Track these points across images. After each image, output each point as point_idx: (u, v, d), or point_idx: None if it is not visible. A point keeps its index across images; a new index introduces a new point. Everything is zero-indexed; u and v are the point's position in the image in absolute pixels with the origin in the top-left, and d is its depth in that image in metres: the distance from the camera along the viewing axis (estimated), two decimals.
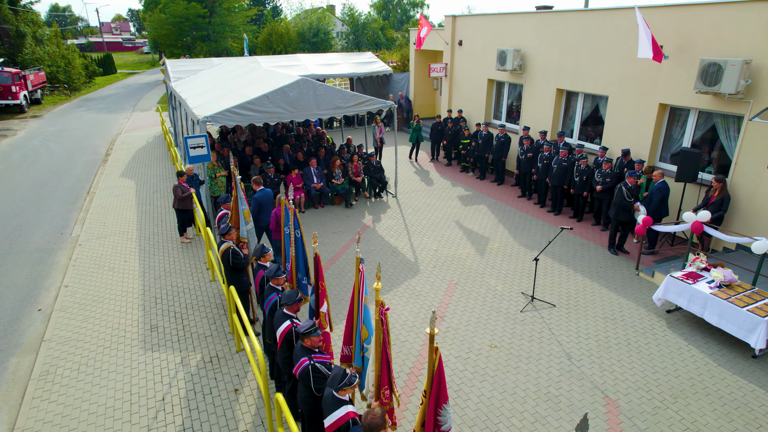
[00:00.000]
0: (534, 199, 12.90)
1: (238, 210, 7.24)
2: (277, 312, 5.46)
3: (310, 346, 4.66)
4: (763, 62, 8.40)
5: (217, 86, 13.72)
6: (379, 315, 4.03)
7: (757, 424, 5.67)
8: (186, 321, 7.80)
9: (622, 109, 10.97)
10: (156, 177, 15.20)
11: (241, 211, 7.21)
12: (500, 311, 7.94)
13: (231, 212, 7.43)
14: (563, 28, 12.16)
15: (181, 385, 6.41)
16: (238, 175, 7.44)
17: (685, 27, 9.45)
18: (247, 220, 7.27)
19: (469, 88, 16.29)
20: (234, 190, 7.27)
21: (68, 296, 8.58)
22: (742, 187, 8.93)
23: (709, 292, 7.03)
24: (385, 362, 4.16)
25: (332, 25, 44.38)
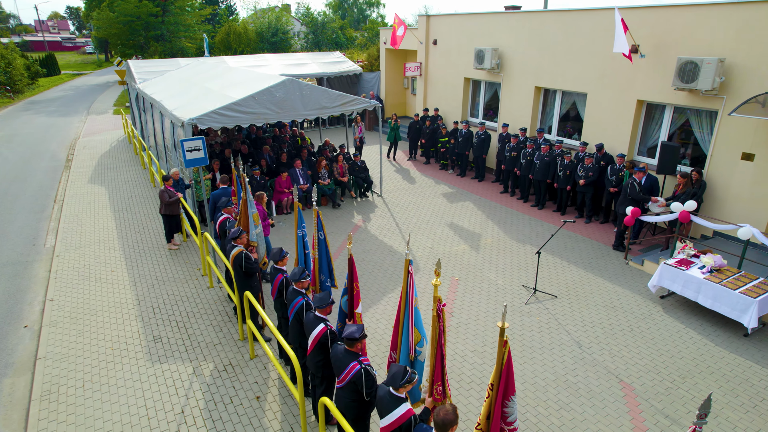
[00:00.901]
0: (517, 194, 13.25)
1: (248, 213, 7.07)
2: (307, 315, 5.39)
3: (357, 350, 4.63)
4: (734, 61, 8.98)
5: (193, 87, 13.29)
6: (437, 311, 4.06)
7: (760, 398, 6.09)
8: (190, 330, 7.55)
9: (601, 106, 11.44)
10: (128, 182, 14.56)
11: (250, 215, 7.04)
12: (511, 304, 8.12)
13: (240, 215, 7.24)
14: (541, 27, 12.54)
15: (199, 396, 6.21)
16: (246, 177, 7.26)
17: (661, 27, 9.96)
18: (256, 223, 7.11)
19: (444, 87, 16.52)
20: (243, 192, 7.09)
21: (56, 310, 8.12)
22: (718, 177, 9.52)
23: (703, 277, 7.47)
24: (439, 358, 4.20)
25: (290, 24, 43.81)
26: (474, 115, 16.10)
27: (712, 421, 5.74)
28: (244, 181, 7.02)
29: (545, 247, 10.16)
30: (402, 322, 4.58)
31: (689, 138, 10.45)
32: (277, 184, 11.73)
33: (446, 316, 7.58)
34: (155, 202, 12.87)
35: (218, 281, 8.90)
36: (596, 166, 10.98)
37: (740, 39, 8.86)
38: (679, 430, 5.61)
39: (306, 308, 5.66)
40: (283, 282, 6.21)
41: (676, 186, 9.52)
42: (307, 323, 5.34)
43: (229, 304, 8.22)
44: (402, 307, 4.54)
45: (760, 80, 8.72)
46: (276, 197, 11.80)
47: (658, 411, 5.88)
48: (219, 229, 7.79)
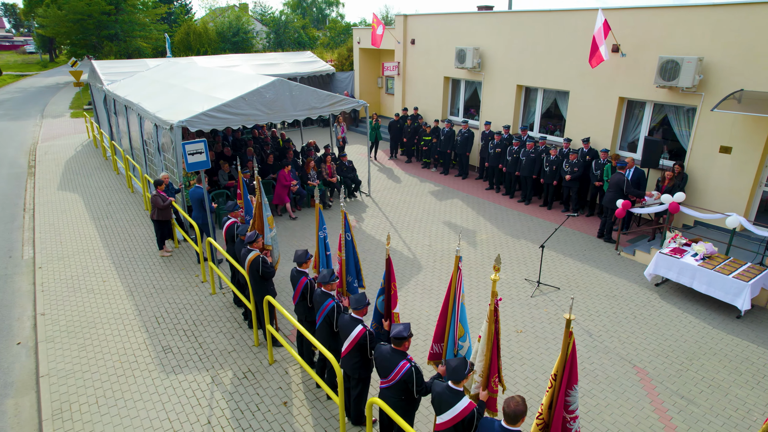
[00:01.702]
0: (502, 191, 13.55)
1: (262, 217, 6.93)
2: (342, 317, 5.36)
3: (405, 349, 4.66)
4: (712, 59, 9.53)
5: (171, 89, 12.87)
6: (494, 305, 4.15)
7: (762, 375, 6.52)
8: (200, 338, 7.33)
9: (584, 103, 11.87)
10: (103, 188, 13.94)
11: (265, 218, 6.90)
12: (513, 298, 8.33)
13: (254, 219, 7.08)
14: (522, 27, 12.87)
15: (223, 405, 6.06)
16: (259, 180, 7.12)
17: (641, 28, 10.44)
18: (271, 226, 6.98)
19: (424, 86, 16.67)
20: (258, 195, 6.94)
21: (50, 325, 7.70)
22: (698, 169, 10.07)
23: (697, 265, 7.90)
24: (495, 351, 4.29)
25: (251, 24, 42.98)
26: (453, 114, 16.33)
27: (723, 399, 6.10)
28: (259, 184, 6.88)
29: (539, 241, 10.45)
30: (450, 316, 4.63)
31: (667, 133, 11.00)
32: (282, 178, 11.48)
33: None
34: (136, 208, 12.40)
35: (220, 287, 8.69)
36: (581, 161, 11.39)
37: (716, 39, 9.41)
38: (695, 409, 5.93)
39: (337, 310, 5.63)
40: (308, 285, 6.15)
41: (661, 180, 10.02)
42: (343, 325, 5.31)
43: (236, 310, 8.04)
44: (450, 302, 4.60)
45: (736, 78, 9.29)
46: (280, 192, 11.57)
47: (673, 392, 6.19)
48: (226, 234, 7.59)
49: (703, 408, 5.97)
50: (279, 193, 11.59)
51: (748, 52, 9.08)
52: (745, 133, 9.32)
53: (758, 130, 9.17)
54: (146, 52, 39.20)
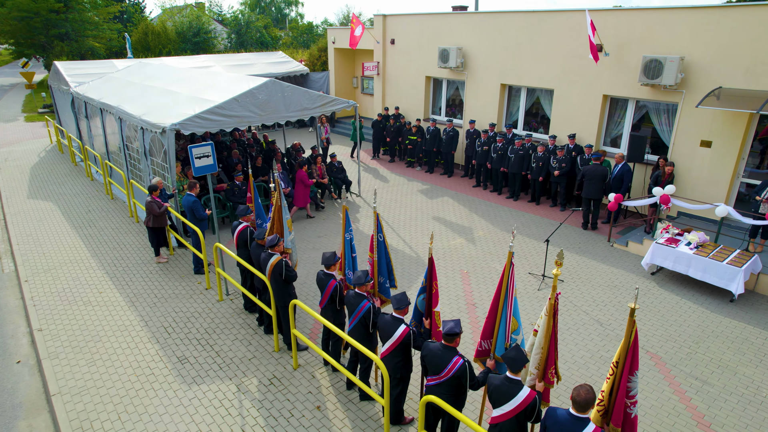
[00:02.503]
0: (489, 187, 13.83)
1: (282, 220, 6.81)
2: (382, 318, 5.36)
3: (456, 345, 4.72)
4: (692, 59, 10.08)
5: (151, 91, 12.42)
6: (554, 300, 4.27)
7: (763, 353, 6.97)
8: (216, 347, 7.14)
9: (568, 101, 12.28)
10: (78, 195, 13.30)
11: (284, 221, 6.79)
12: (521, 292, 8.53)
13: (273, 222, 6.95)
14: (505, 27, 13.18)
15: (255, 413, 5.94)
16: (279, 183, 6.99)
17: (623, 28, 10.91)
18: (290, 229, 6.88)
19: (404, 86, 16.78)
20: (277, 198, 6.82)
21: (50, 341, 7.30)
22: (680, 162, 10.62)
23: (692, 253, 8.35)
24: (553, 344, 4.41)
25: (211, 24, 41.93)
26: (435, 113, 16.52)
27: (733, 378, 6.49)
28: (279, 189, 6.76)
29: (533, 236, 10.75)
30: (500, 311, 4.73)
31: (648, 129, 11.55)
32: (302, 179, 11.36)
33: (473, 308, 7.85)
34: (120, 215, 11.91)
35: (227, 293, 8.48)
36: (569, 157, 11.78)
37: (695, 39, 9.95)
38: (711, 389, 6.28)
39: (373, 311, 5.63)
40: (337, 287, 6.11)
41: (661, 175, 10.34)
42: (384, 326, 5.32)
43: (248, 316, 7.87)
44: (501, 297, 4.69)
45: (714, 76, 9.87)
46: (301, 192, 11.48)
47: (687, 374, 6.53)
48: (238, 239, 7.41)
49: (717, 387, 6.33)
50: (302, 194, 11.48)
51: (724, 51, 9.65)
52: (724, 127, 9.91)
53: (736, 124, 9.76)
54: (100, 53, 37.57)
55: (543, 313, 4.45)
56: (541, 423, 4.13)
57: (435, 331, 5.37)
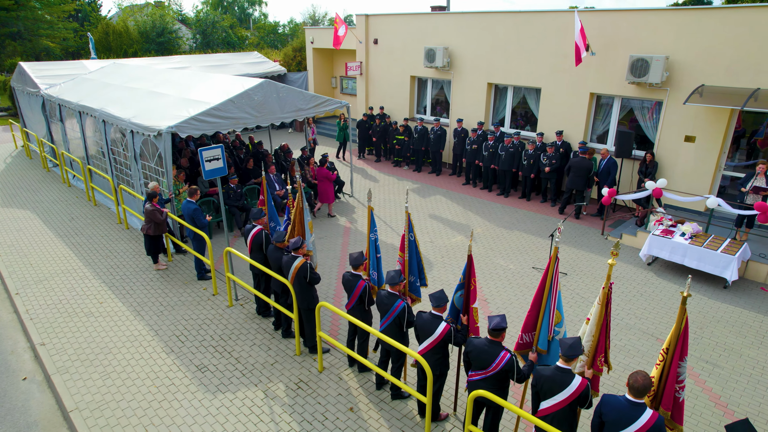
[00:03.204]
0: (479, 185, 14.05)
1: (303, 222, 6.73)
2: (421, 316, 5.40)
3: (501, 340, 4.81)
4: (675, 58, 10.55)
5: (136, 93, 11.99)
6: (608, 289, 4.43)
7: (762, 335, 7.39)
8: (235, 353, 7.00)
9: (556, 99, 12.63)
10: (58, 203, 12.71)
11: (306, 223, 6.71)
12: (528, 286, 8.74)
13: (293, 224, 6.85)
14: (491, 27, 13.42)
15: (287, 418, 5.86)
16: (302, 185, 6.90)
17: (609, 29, 11.30)
18: (311, 231, 6.80)
19: (388, 86, 16.82)
20: (299, 200, 6.73)
21: (56, 355, 6.98)
22: (666, 156, 11.11)
23: (687, 243, 8.76)
24: (604, 332, 4.56)
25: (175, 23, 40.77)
26: (419, 112, 16.65)
27: (739, 360, 6.85)
28: (301, 192, 6.67)
29: (529, 231, 11.01)
30: (544, 305, 4.85)
31: (632, 125, 12.02)
32: (327, 173, 11.54)
33: (485, 304, 7.98)
34: (107, 222, 11.46)
35: (236, 298, 8.31)
36: (558, 154, 12.12)
37: (679, 39, 10.43)
38: (721, 372, 6.62)
39: (408, 310, 5.66)
40: (366, 288, 6.10)
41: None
42: (423, 324, 5.36)
43: (261, 321, 7.75)
44: (546, 291, 4.81)
45: (697, 75, 10.36)
46: (323, 188, 11.64)
47: (698, 358, 6.86)
48: (253, 243, 7.27)
49: (727, 369, 6.67)
50: (325, 190, 11.59)
51: (706, 51, 10.15)
52: (706, 123, 10.42)
53: (718, 120, 10.29)
54: (55, 53, 36.00)
55: (596, 302, 4.60)
56: (596, 410, 4.26)
57: (473, 327, 5.45)
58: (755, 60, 9.66)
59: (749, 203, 9.08)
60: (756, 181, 9.04)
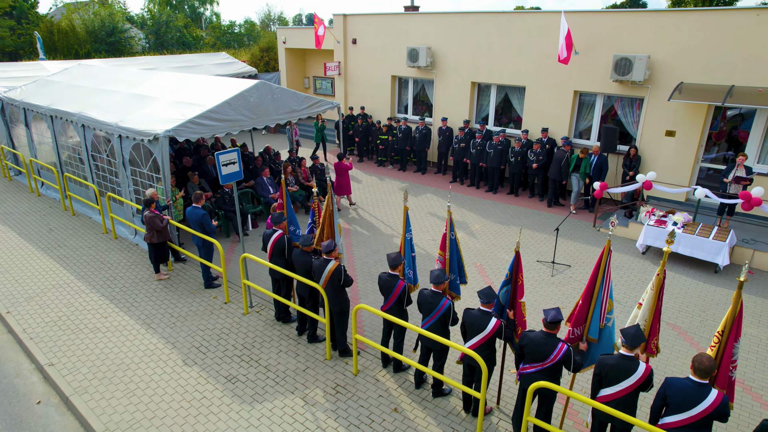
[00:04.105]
0: (466, 183, 14.29)
1: (332, 225, 6.64)
2: (471, 313, 5.47)
3: (557, 332, 4.95)
4: (656, 57, 11.13)
5: (117, 96, 11.42)
6: (662, 275, 4.65)
7: (759, 315, 7.95)
8: (262, 361, 6.83)
9: (540, 97, 13.03)
10: (29, 214, 11.92)
11: (335, 225, 6.62)
12: (537, 280, 8.99)
13: (323, 227, 6.74)
14: (474, 27, 13.67)
15: (333, 423, 5.78)
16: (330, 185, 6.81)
17: (592, 29, 11.78)
18: (340, 233, 6.72)
19: (368, 86, 16.80)
20: (329, 202, 6.62)
21: (70, 375, 6.57)
22: (648, 150, 11.71)
23: (681, 232, 9.28)
24: (657, 316, 4.79)
25: (125, 22, 38.98)
26: (400, 112, 16.73)
27: (745, 339, 7.33)
28: (331, 194, 6.57)
29: (524, 225, 11.32)
30: (595, 295, 5.03)
31: (612, 121, 12.59)
32: (339, 170, 11.81)
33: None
34: (91, 232, 10.86)
35: (251, 305, 8.09)
36: (544, 150, 12.51)
37: (658, 40, 11.01)
38: None
39: (452, 308, 5.73)
40: (405, 288, 6.11)
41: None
42: (473, 320, 5.43)
43: (282, 327, 7.59)
44: (598, 281, 5.00)
45: (675, 73, 10.98)
46: (343, 182, 11.93)
47: (708, 339, 7.29)
48: (274, 248, 7.10)
49: (744, 350, 7.13)
50: (346, 183, 11.95)
51: (684, 50, 10.78)
52: (685, 118, 11.07)
53: (696, 115, 10.95)
54: None
55: (649, 287, 4.82)
56: (659, 393, 4.47)
57: (520, 320, 5.57)
58: (728, 59, 10.35)
59: (732, 192, 9.71)
60: (737, 172, 9.68)
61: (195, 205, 8.36)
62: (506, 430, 5.72)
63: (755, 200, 8.96)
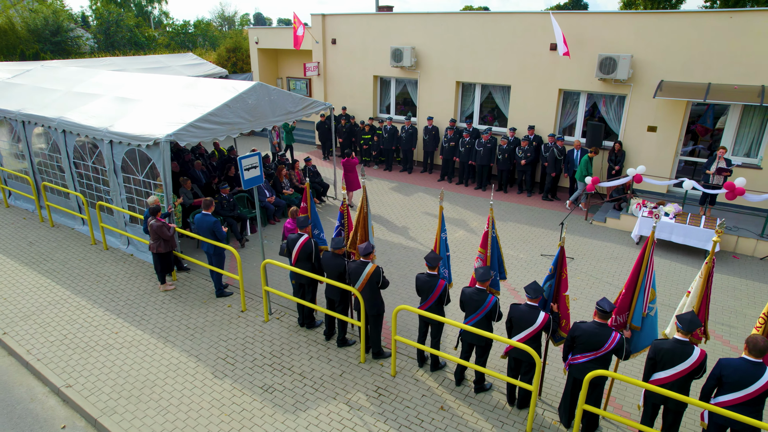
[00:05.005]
0: (455, 180, 14.49)
1: (366, 227, 6.58)
2: (518, 308, 5.58)
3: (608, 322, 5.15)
4: (637, 57, 11.69)
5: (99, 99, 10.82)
6: (711, 264, 4.91)
7: (752, 297, 8.52)
8: (296, 368, 6.69)
9: (526, 96, 13.39)
10: (3, 226, 11.11)
11: (370, 227, 6.57)
12: (543, 273, 9.25)
13: (356, 229, 6.65)
14: (458, 28, 13.87)
15: (383, 426, 5.74)
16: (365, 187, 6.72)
17: (575, 30, 12.21)
18: (373, 234, 6.66)
19: (349, 86, 16.71)
20: (364, 204, 6.55)
21: (92, 396, 6.21)
22: (631, 145, 12.28)
23: (673, 222, 9.81)
24: (705, 303, 5.05)
25: (71, 21, 36.91)
26: (382, 112, 16.75)
27: (745, 319, 7.86)
28: (365, 197, 6.50)
29: (519, 220, 11.62)
30: (639, 284, 5.27)
31: (594, 117, 13.12)
32: (348, 167, 11.86)
33: (514, 293, 8.36)
34: (77, 243, 10.26)
35: (270, 312, 7.90)
36: (531, 147, 12.88)
37: (639, 40, 11.57)
38: (736, 331, 7.55)
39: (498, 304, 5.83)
40: (446, 288, 6.16)
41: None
42: (521, 315, 5.54)
43: (308, 333, 7.46)
44: (641, 273, 5.23)
45: (656, 71, 11.57)
46: (352, 178, 11.99)
47: (714, 322, 7.76)
48: (301, 252, 6.95)
49: (740, 328, 7.63)
50: (353, 179, 11.99)
51: (664, 50, 11.38)
52: (666, 114, 11.69)
53: (675, 112, 11.59)
54: None
55: (698, 275, 5.08)
56: (713, 374, 4.73)
57: (564, 313, 5.74)
58: (705, 58, 11.01)
59: (715, 183, 10.35)
60: (719, 164, 10.32)
61: (205, 212, 8.07)
62: (551, 419, 5.87)
63: (739, 190, 9.60)
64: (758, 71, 10.57)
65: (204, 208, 8.09)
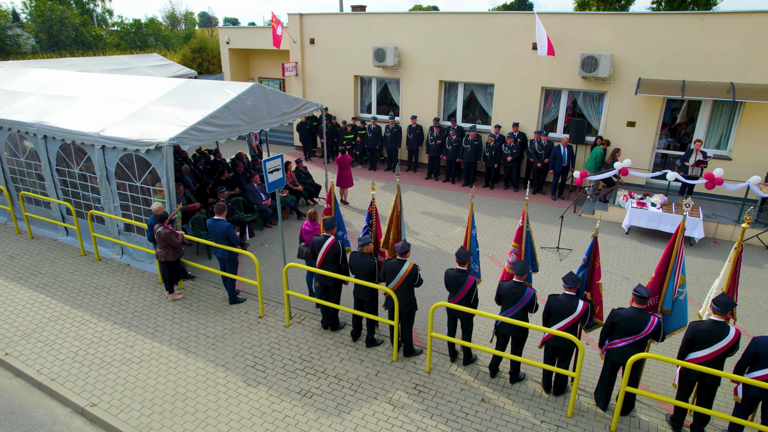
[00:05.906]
0: (441, 178, 14.70)
1: (400, 226, 6.59)
2: (557, 298, 5.78)
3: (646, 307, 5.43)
4: (616, 56, 12.27)
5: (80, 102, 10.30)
6: (740, 249, 5.26)
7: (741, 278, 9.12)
8: (329, 371, 6.63)
9: (509, 94, 13.76)
10: None
11: (403, 226, 6.58)
12: (549, 265, 9.58)
13: (389, 228, 6.65)
14: (440, 28, 14.07)
15: (430, 422, 5.80)
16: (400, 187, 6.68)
17: (556, 29, 12.67)
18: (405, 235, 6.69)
19: (328, 86, 16.59)
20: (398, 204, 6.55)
21: (121, 413, 5.93)
22: (612, 140, 12.87)
23: (661, 212, 10.38)
24: (733, 287, 5.41)
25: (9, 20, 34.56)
26: (363, 111, 16.74)
27: (744, 300, 8.40)
28: (399, 197, 6.51)
29: (513, 215, 11.95)
30: (670, 270, 5.60)
31: (574, 114, 13.67)
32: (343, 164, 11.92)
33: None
34: (65, 255, 9.71)
35: (290, 316, 7.77)
36: (517, 144, 13.27)
37: (617, 40, 12.15)
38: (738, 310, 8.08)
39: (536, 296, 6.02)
40: (475, 283, 6.29)
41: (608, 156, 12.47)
42: (560, 305, 5.75)
43: (333, 335, 7.40)
44: (673, 257, 5.55)
45: (634, 69, 12.20)
46: (344, 175, 12.06)
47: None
48: (328, 253, 6.88)
49: (741, 308, 8.18)
50: (347, 176, 12.11)
51: (641, 49, 12.00)
52: (644, 110, 12.34)
53: (652, 108, 12.25)
54: None
55: (728, 260, 5.44)
56: (747, 351, 5.09)
57: (597, 300, 6.00)
58: (679, 57, 11.71)
59: (693, 174, 11.03)
60: (697, 156, 11.01)
61: (217, 217, 7.84)
62: (588, 403, 6.11)
63: (717, 180, 10.28)
64: (726, 69, 11.34)
65: (216, 213, 7.86)
